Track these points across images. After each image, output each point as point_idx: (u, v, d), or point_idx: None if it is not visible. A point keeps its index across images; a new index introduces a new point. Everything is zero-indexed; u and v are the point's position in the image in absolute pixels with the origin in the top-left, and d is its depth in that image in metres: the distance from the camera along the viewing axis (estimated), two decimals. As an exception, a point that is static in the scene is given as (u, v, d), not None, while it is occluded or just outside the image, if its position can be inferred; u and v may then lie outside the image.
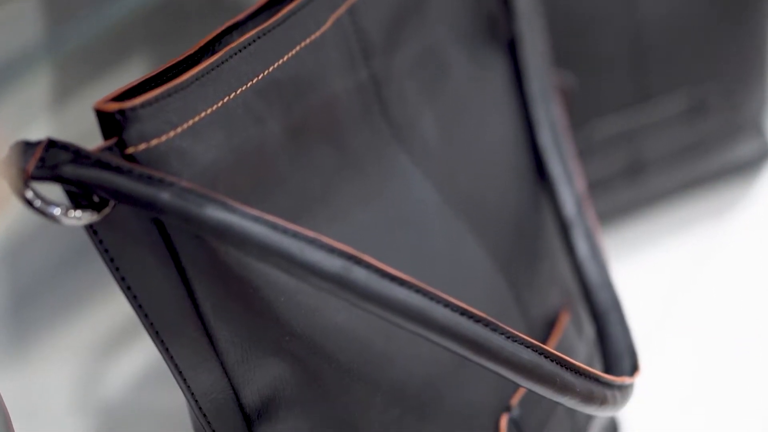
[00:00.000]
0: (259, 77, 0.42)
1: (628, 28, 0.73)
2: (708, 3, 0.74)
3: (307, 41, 0.45)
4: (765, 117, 0.81)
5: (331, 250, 0.38)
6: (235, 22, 0.44)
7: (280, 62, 0.43)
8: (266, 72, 0.43)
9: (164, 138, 0.39)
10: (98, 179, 0.37)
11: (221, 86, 0.41)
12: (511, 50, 0.58)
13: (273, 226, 0.37)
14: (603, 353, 0.53)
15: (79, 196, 0.38)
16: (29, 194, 0.37)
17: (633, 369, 0.51)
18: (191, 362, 0.42)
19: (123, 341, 0.72)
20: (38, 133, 0.65)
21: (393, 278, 0.38)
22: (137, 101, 0.38)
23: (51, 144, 0.38)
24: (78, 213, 0.38)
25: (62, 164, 0.37)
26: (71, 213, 0.37)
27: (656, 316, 0.72)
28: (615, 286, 0.54)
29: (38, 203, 0.37)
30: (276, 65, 0.43)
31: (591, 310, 0.54)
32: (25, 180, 0.37)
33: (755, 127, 0.80)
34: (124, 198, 0.37)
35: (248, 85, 0.42)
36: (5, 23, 0.60)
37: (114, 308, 0.71)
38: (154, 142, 0.39)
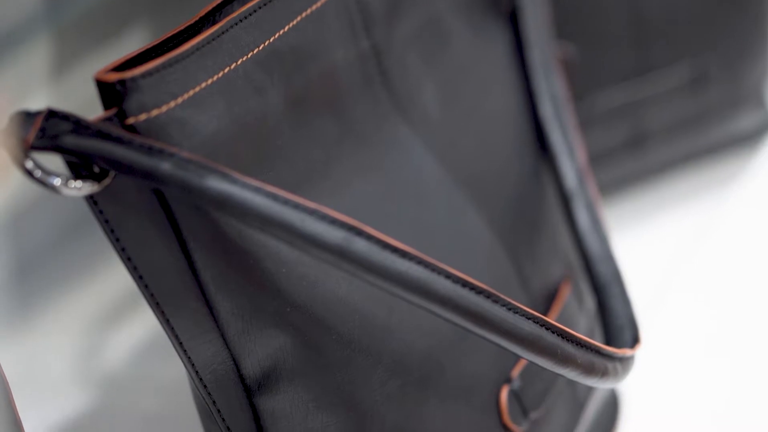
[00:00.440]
0: (260, 47, 0.42)
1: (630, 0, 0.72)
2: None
3: (308, 11, 0.44)
4: (766, 88, 0.81)
5: (332, 222, 0.38)
6: (236, -8, 0.43)
7: (281, 32, 0.43)
8: (267, 42, 0.43)
9: (165, 108, 0.39)
10: (98, 149, 0.37)
11: (222, 56, 0.41)
12: (513, 21, 0.58)
13: (274, 197, 0.37)
14: (604, 325, 0.53)
15: (80, 167, 0.38)
16: (29, 164, 0.37)
17: (634, 341, 0.51)
18: (192, 333, 0.42)
19: (124, 312, 0.72)
20: (38, 104, 0.65)
21: (394, 249, 0.38)
22: (138, 71, 0.38)
23: (51, 114, 0.38)
24: (78, 183, 0.38)
25: (62, 134, 0.37)
26: (71, 183, 0.37)
27: (657, 288, 0.72)
28: (616, 258, 0.54)
29: (38, 173, 0.37)
30: (277, 35, 0.43)
31: (592, 282, 0.54)
32: (26, 150, 0.37)
33: (757, 99, 0.80)
34: (125, 168, 0.37)
35: (249, 56, 0.42)
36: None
37: (115, 279, 0.71)
38: (155, 113, 0.39)
